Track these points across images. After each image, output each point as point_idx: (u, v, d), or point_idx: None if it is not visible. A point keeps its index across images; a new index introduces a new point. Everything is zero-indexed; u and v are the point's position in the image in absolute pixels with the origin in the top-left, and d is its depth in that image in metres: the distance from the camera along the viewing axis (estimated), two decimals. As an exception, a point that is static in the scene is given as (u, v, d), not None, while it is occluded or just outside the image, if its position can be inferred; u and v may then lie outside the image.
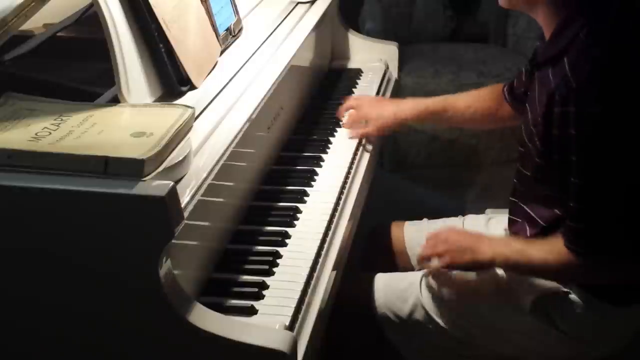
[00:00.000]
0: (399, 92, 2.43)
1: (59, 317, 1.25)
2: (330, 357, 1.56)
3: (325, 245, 1.55)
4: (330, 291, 1.46)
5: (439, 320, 1.62)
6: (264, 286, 1.39)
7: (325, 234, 1.57)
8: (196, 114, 1.41)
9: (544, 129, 1.40)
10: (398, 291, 1.67)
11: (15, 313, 1.26)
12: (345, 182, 1.77)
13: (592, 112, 1.32)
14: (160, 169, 1.19)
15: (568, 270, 1.45)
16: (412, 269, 1.82)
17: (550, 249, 1.45)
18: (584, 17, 1.38)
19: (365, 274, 1.75)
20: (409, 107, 1.92)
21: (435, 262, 1.59)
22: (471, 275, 1.65)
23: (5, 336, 1.29)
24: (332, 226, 1.61)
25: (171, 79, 1.48)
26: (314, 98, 2.20)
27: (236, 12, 1.81)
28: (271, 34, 1.87)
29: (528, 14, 1.51)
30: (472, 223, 1.86)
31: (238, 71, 1.65)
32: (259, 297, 1.37)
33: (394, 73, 2.44)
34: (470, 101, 1.88)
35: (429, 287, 1.65)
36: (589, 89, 1.33)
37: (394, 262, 1.90)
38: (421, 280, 1.67)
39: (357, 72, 2.38)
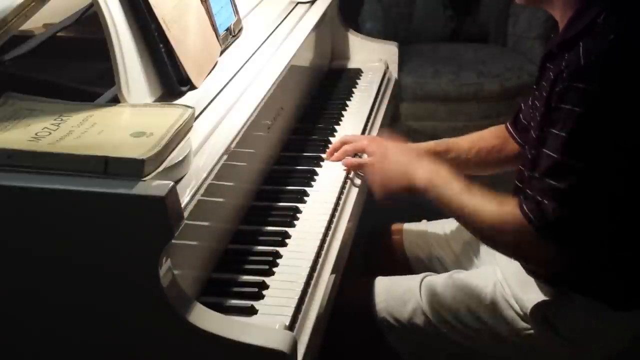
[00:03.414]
0: (398, 92, 2.43)
1: (58, 317, 1.25)
2: (330, 358, 1.55)
3: (325, 245, 1.55)
4: (330, 291, 1.46)
5: (439, 325, 1.62)
6: (264, 286, 1.39)
7: (325, 234, 1.57)
8: (196, 114, 1.41)
9: (545, 106, 1.40)
10: (398, 295, 1.66)
11: (14, 312, 1.26)
12: (345, 183, 1.77)
13: (595, 90, 1.31)
14: (160, 169, 1.19)
15: (508, 235, 1.42)
16: (411, 271, 1.82)
17: (497, 209, 1.43)
18: (601, 5, 1.39)
19: (366, 277, 1.75)
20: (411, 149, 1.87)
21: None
22: (472, 280, 1.65)
23: (5, 335, 1.29)
24: (332, 226, 1.61)
25: (171, 79, 1.48)
26: (314, 98, 2.20)
27: (236, 12, 1.81)
28: (271, 34, 1.87)
29: (544, 9, 1.51)
30: None
31: (238, 71, 1.65)
32: (259, 297, 1.37)
33: (394, 73, 2.44)
34: (473, 141, 1.85)
35: (429, 292, 1.65)
36: (596, 68, 1.32)
37: (394, 264, 1.89)
38: (421, 284, 1.67)
39: (357, 72, 2.38)
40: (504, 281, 1.59)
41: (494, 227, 1.45)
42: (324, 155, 1.87)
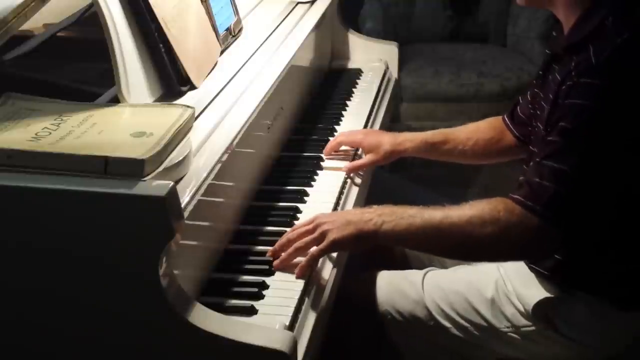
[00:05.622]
0: (398, 92, 2.43)
1: (58, 317, 1.25)
2: (330, 356, 1.55)
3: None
4: (331, 291, 1.46)
5: (441, 319, 1.62)
6: (264, 286, 1.39)
7: (325, 234, 1.57)
8: (196, 114, 1.41)
9: (551, 106, 1.41)
10: (400, 288, 1.67)
11: (13, 312, 1.26)
12: (345, 182, 1.77)
13: (604, 86, 1.33)
14: (160, 169, 1.19)
15: (506, 229, 1.37)
16: (413, 267, 1.82)
17: (482, 208, 1.38)
18: (608, 7, 1.39)
19: (367, 272, 1.75)
20: (407, 139, 1.86)
21: (313, 248, 1.43)
22: (474, 275, 1.65)
23: (4, 334, 1.29)
24: (332, 226, 1.61)
25: (171, 79, 1.49)
26: (314, 98, 2.20)
27: (236, 12, 1.82)
28: (271, 34, 1.88)
29: (547, 9, 1.51)
30: None
31: (238, 71, 1.65)
32: (259, 297, 1.37)
33: (394, 73, 2.44)
34: (470, 133, 1.85)
35: (432, 285, 1.65)
36: (607, 66, 1.33)
37: (394, 262, 1.89)
38: (423, 278, 1.67)
39: (357, 72, 2.38)
40: (506, 277, 1.59)
41: (495, 224, 1.37)
42: (324, 155, 1.87)
